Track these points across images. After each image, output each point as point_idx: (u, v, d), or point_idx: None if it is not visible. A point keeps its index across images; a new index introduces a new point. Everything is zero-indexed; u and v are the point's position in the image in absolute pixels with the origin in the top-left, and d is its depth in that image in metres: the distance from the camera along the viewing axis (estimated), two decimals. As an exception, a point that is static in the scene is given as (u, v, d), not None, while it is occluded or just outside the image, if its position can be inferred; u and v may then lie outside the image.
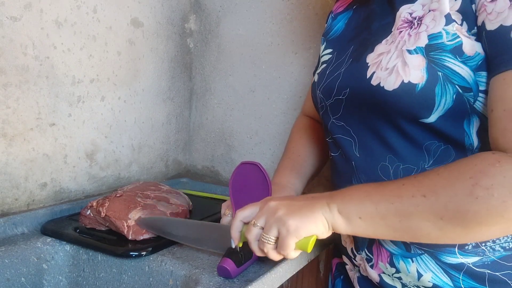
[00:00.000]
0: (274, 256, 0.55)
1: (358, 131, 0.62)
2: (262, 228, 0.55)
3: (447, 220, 0.47)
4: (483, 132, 0.54)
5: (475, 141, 0.54)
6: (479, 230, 0.46)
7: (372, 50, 0.59)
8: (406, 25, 0.57)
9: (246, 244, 0.64)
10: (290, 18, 1.09)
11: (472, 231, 0.47)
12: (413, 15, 0.56)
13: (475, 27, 0.51)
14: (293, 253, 0.54)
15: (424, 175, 0.50)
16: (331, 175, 0.73)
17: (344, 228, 0.52)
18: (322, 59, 0.73)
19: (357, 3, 0.72)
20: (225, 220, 0.72)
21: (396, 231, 0.50)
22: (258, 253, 0.57)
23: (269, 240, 0.54)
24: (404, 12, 0.58)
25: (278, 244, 0.54)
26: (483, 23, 0.50)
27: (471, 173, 0.46)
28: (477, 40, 0.51)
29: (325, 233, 0.54)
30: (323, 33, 0.77)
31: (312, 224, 0.52)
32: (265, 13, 1.12)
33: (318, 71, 0.72)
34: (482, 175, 0.45)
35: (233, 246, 0.60)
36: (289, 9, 1.09)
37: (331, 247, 0.88)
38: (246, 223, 0.59)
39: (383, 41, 0.59)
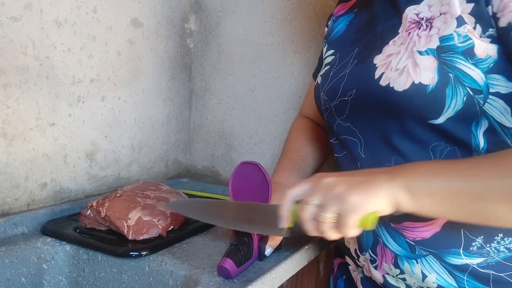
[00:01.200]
0: (332, 235, 0.52)
1: (364, 132, 0.62)
2: (318, 206, 0.51)
3: None
4: (489, 133, 0.54)
5: (481, 142, 0.54)
6: None
7: (380, 52, 0.59)
8: (414, 25, 0.56)
9: (245, 244, 0.64)
10: (290, 18, 1.09)
11: None
12: (420, 15, 0.56)
13: (491, 29, 0.51)
14: (353, 231, 0.51)
15: (501, 155, 0.47)
16: None
17: (409, 205, 0.49)
18: (325, 61, 0.73)
19: (359, 6, 0.72)
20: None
21: (466, 212, 0.48)
22: (313, 233, 0.53)
23: (327, 219, 0.50)
24: (410, 13, 0.58)
25: (338, 222, 0.50)
26: (510, 24, 0.49)
27: None
28: (492, 42, 0.51)
29: (388, 209, 0.50)
30: (324, 36, 0.77)
31: (375, 200, 0.49)
32: (265, 13, 1.12)
33: (321, 73, 0.72)
34: None
35: (283, 227, 0.56)
36: (289, 9, 1.09)
37: (331, 247, 0.88)
38: (297, 202, 0.55)
39: (391, 42, 0.58)
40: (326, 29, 0.79)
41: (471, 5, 0.52)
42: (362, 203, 0.49)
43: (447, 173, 0.48)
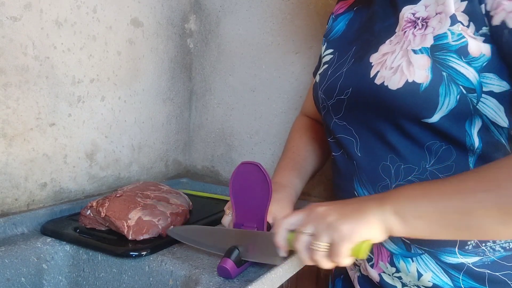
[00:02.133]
0: (326, 264, 0.53)
1: (360, 131, 0.62)
2: (311, 235, 0.52)
3: None
4: (484, 133, 0.54)
5: (476, 141, 0.54)
6: None
7: (376, 51, 0.59)
8: (409, 25, 0.57)
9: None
10: (291, 18, 1.09)
11: None
12: (416, 15, 0.56)
13: (484, 28, 0.51)
14: (346, 260, 0.51)
15: (484, 169, 0.48)
16: (332, 174, 0.73)
17: (400, 229, 0.50)
18: (324, 60, 0.73)
19: (359, 4, 0.72)
20: (224, 219, 0.72)
21: (456, 229, 0.48)
22: (308, 262, 0.54)
23: (320, 248, 0.51)
24: (407, 12, 0.58)
25: (331, 251, 0.51)
26: (503, 22, 0.49)
27: None
28: (485, 41, 0.51)
29: (380, 237, 0.51)
30: (324, 34, 0.77)
31: (366, 228, 0.50)
32: (266, 12, 1.12)
33: (320, 71, 0.72)
34: None
35: (283, 255, 0.58)
36: (289, 8, 1.09)
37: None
38: (291, 231, 0.56)
39: (387, 42, 0.59)
40: (326, 26, 0.79)
41: (465, 3, 0.52)
42: (353, 231, 0.50)
43: (434, 193, 0.49)
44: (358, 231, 0.50)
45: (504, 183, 0.45)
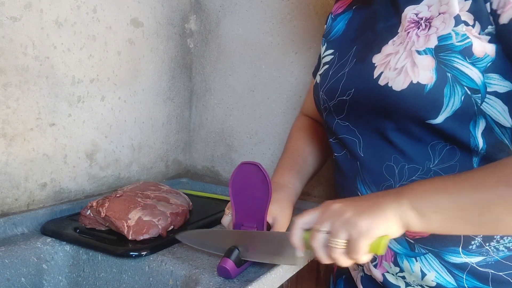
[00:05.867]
0: (345, 261, 0.51)
1: (363, 131, 0.62)
2: (328, 233, 0.51)
3: None
4: (487, 133, 0.54)
5: (480, 142, 0.54)
6: None
7: (378, 51, 0.59)
8: (413, 25, 0.56)
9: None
10: (290, 18, 1.09)
11: None
12: (419, 15, 0.56)
13: (490, 27, 0.51)
14: (365, 256, 0.50)
15: (502, 164, 0.47)
16: (334, 175, 0.73)
17: (418, 224, 0.49)
18: (324, 60, 0.73)
19: (358, 3, 0.72)
20: (224, 219, 0.72)
21: (475, 225, 0.48)
22: (326, 261, 0.53)
23: (338, 245, 0.50)
24: (409, 13, 0.58)
25: (349, 248, 0.50)
26: (511, 20, 0.49)
27: None
28: (490, 41, 0.51)
29: (397, 232, 0.50)
30: (323, 34, 0.77)
31: (384, 223, 0.49)
32: (265, 12, 1.12)
33: (320, 72, 0.72)
34: None
35: (300, 256, 0.57)
36: (289, 8, 1.09)
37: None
38: (307, 230, 0.55)
39: (390, 42, 0.58)
40: (325, 26, 0.79)
41: (469, 2, 0.52)
42: (371, 227, 0.49)
43: (452, 188, 0.48)
44: (376, 227, 0.49)
45: None
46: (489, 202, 0.46)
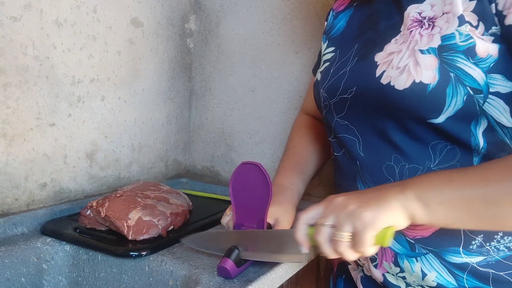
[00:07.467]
0: (351, 255, 0.51)
1: (363, 130, 0.62)
2: (333, 227, 0.51)
3: None
4: (488, 133, 0.54)
5: (480, 142, 0.54)
6: None
7: (381, 49, 0.59)
8: (416, 24, 0.56)
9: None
10: (291, 18, 1.09)
11: None
12: (422, 14, 0.56)
13: (494, 27, 0.51)
14: (371, 249, 0.50)
15: (510, 159, 0.47)
16: (334, 174, 0.72)
17: (423, 216, 0.49)
18: (324, 58, 0.73)
19: (359, 0, 0.72)
20: (224, 219, 0.72)
21: (480, 219, 0.47)
22: (332, 255, 0.52)
23: (343, 238, 0.50)
24: (412, 11, 0.57)
25: (355, 240, 0.50)
26: None
27: None
28: (494, 41, 0.51)
29: (403, 223, 0.50)
30: (324, 31, 0.77)
31: (389, 214, 0.49)
32: (265, 12, 1.12)
33: (321, 69, 0.72)
34: None
35: (304, 252, 0.56)
36: (289, 8, 1.09)
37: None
38: (311, 226, 0.55)
39: (392, 41, 0.58)
40: (325, 23, 0.79)
41: (474, 2, 0.52)
42: (376, 218, 0.48)
43: (458, 180, 0.48)
44: (381, 218, 0.48)
45: None
46: (495, 197, 0.46)
